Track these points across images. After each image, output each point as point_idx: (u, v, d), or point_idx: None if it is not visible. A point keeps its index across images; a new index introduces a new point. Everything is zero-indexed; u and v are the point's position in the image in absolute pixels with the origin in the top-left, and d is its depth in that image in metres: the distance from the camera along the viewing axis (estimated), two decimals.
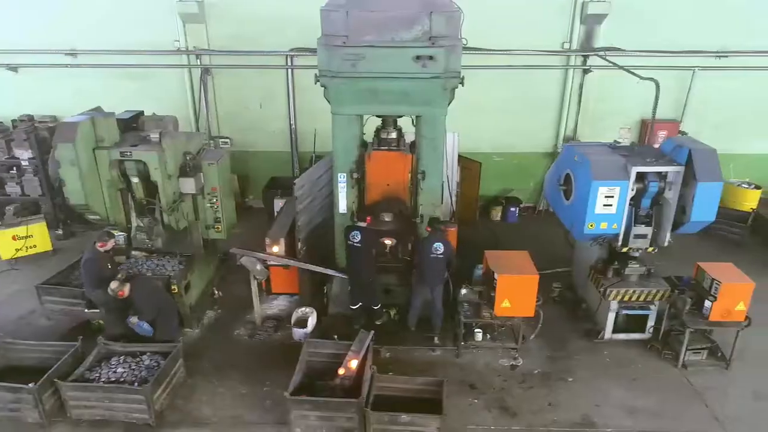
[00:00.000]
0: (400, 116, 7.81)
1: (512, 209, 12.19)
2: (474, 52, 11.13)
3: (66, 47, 11.54)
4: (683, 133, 11.92)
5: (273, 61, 11.50)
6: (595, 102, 11.90)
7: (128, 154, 7.24)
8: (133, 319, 7.17)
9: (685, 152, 7.12)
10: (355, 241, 7.66)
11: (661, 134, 11.73)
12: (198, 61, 11.69)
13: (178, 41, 11.48)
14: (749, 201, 11.66)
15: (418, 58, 6.83)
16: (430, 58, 6.82)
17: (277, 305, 8.98)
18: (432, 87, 7.05)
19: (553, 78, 11.82)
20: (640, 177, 7.28)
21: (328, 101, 7.39)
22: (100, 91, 11.48)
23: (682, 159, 7.17)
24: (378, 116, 7.79)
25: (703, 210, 7.04)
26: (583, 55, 11.51)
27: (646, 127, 11.90)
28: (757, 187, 11.75)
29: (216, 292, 9.13)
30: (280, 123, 12.15)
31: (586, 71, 11.62)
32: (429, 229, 7.60)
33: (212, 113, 12.14)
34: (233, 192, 12.14)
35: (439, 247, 7.44)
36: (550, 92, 11.93)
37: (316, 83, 7.24)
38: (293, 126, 12.08)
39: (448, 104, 7.49)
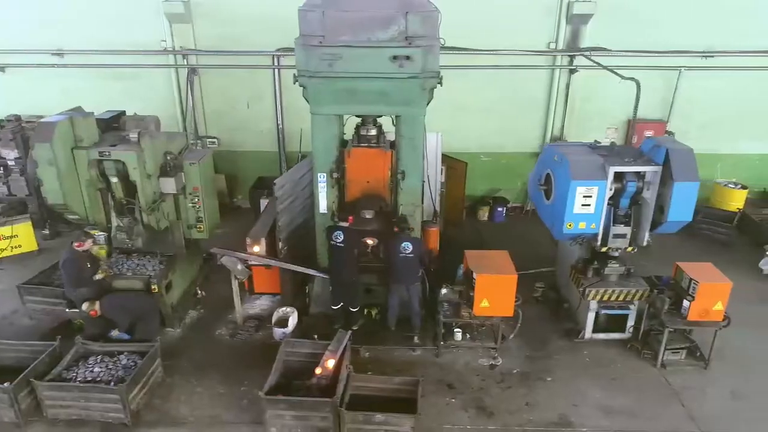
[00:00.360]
0: (380, 116, 7.80)
1: (499, 209, 12.21)
2: (461, 52, 11.23)
3: (53, 47, 11.58)
4: (670, 133, 11.96)
5: (260, 61, 11.51)
6: (581, 102, 11.92)
7: (107, 153, 7.24)
8: (114, 333, 7.28)
9: (662, 152, 7.12)
10: (338, 241, 7.68)
11: (648, 134, 11.74)
12: (185, 61, 11.71)
13: (165, 41, 11.50)
14: (735, 201, 11.69)
15: (395, 58, 6.83)
16: (407, 58, 6.82)
17: (260, 305, 8.98)
18: (410, 87, 7.05)
19: (540, 78, 11.84)
20: (619, 177, 7.29)
21: (307, 101, 7.40)
22: (88, 91, 11.53)
23: (659, 159, 7.17)
24: (357, 116, 7.78)
25: (680, 210, 7.04)
26: (569, 55, 11.53)
27: (634, 127, 11.91)
28: (744, 187, 11.77)
29: (199, 291, 9.13)
30: (267, 123, 12.18)
31: (572, 71, 11.63)
32: (396, 229, 7.62)
33: (199, 113, 12.16)
34: (219, 192, 12.25)
35: (407, 247, 7.45)
36: (537, 92, 11.95)
37: (294, 83, 7.26)
38: (280, 126, 12.10)
39: (427, 104, 7.48)
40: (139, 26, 11.39)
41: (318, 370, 6.72)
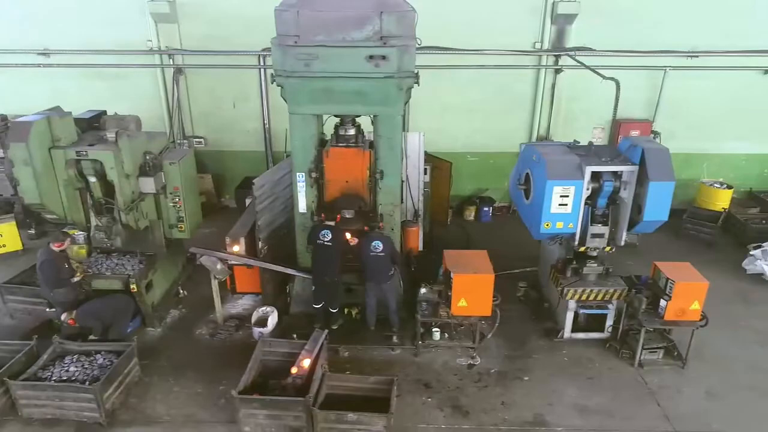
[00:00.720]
0: (358, 116, 7.81)
1: (485, 209, 12.21)
2: (446, 52, 11.28)
3: (39, 47, 11.58)
4: (656, 133, 11.97)
5: (245, 60, 11.51)
6: (567, 102, 11.92)
7: (84, 153, 7.26)
8: (91, 338, 7.29)
9: (638, 151, 7.13)
10: (326, 239, 7.66)
11: (634, 134, 11.76)
12: (171, 60, 11.71)
13: (151, 41, 11.50)
14: (721, 201, 11.69)
15: (371, 57, 6.85)
16: (383, 57, 6.84)
17: (242, 305, 9.00)
18: (386, 87, 7.06)
19: (526, 78, 11.84)
20: (596, 176, 7.29)
21: (285, 101, 7.42)
22: (75, 90, 11.58)
23: (636, 158, 7.18)
24: (336, 116, 7.79)
25: (656, 209, 7.05)
26: (554, 55, 11.53)
27: (618, 127, 11.92)
28: (729, 187, 11.78)
29: (181, 291, 9.14)
30: (254, 122, 12.18)
31: (557, 71, 11.63)
32: (366, 228, 7.62)
33: (186, 113, 12.17)
34: (206, 192, 12.37)
35: (377, 245, 7.47)
36: (523, 92, 11.96)
37: (272, 83, 7.28)
38: (267, 125, 12.10)
39: (405, 103, 7.51)
40: (125, 26, 11.38)
41: (294, 370, 6.73)
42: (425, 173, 10.40)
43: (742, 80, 11.61)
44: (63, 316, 7.28)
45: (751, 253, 10.05)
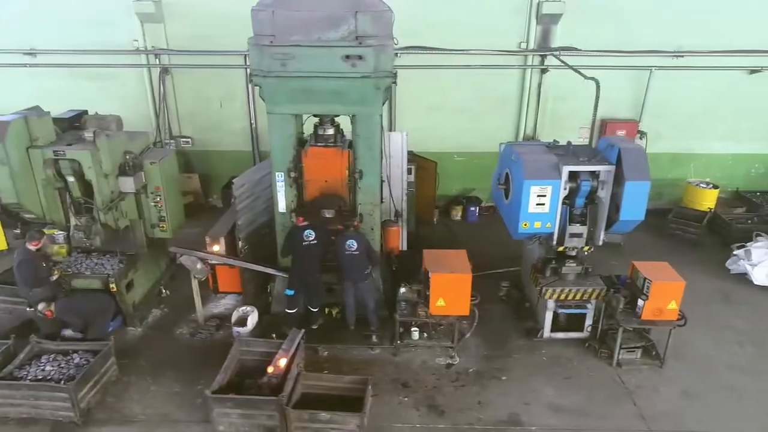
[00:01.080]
0: (336, 115, 7.82)
1: (472, 209, 12.22)
2: (432, 51, 11.30)
3: (25, 47, 11.58)
4: (642, 133, 11.99)
5: (232, 60, 11.52)
6: (554, 101, 11.93)
7: (62, 153, 7.26)
8: (67, 332, 7.33)
9: (615, 151, 7.14)
10: (310, 239, 7.66)
11: (620, 133, 11.78)
12: (157, 60, 11.72)
13: (137, 41, 11.51)
14: (707, 201, 11.69)
15: (347, 57, 6.85)
16: (359, 57, 6.84)
17: (224, 304, 9.00)
18: (363, 86, 7.06)
19: (512, 78, 11.84)
20: (573, 176, 7.30)
21: (264, 100, 7.43)
22: (62, 90, 11.56)
23: (613, 158, 7.19)
24: (314, 115, 7.80)
25: (632, 209, 7.06)
26: (540, 55, 11.53)
27: (605, 127, 11.94)
28: (715, 187, 11.78)
29: (163, 290, 9.15)
30: (240, 122, 12.19)
31: (543, 71, 11.64)
32: (341, 227, 7.64)
33: (173, 113, 12.17)
34: (194, 191, 12.37)
35: (352, 244, 7.49)
36: (509, 92, 11.96)
37: (250, 83, 7.29)
38: (254, 125, 12.11)
39: (384, 103, 7.51)
40: (111, 26, 11.38)
41: (270, 369, 6.73)
42: (410, 173, 10.44)
43: (727, 80, 11.61)
44: (40, 306, 7.17)
45: (734, 253, 10.05)
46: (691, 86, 11.62)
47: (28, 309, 8.01)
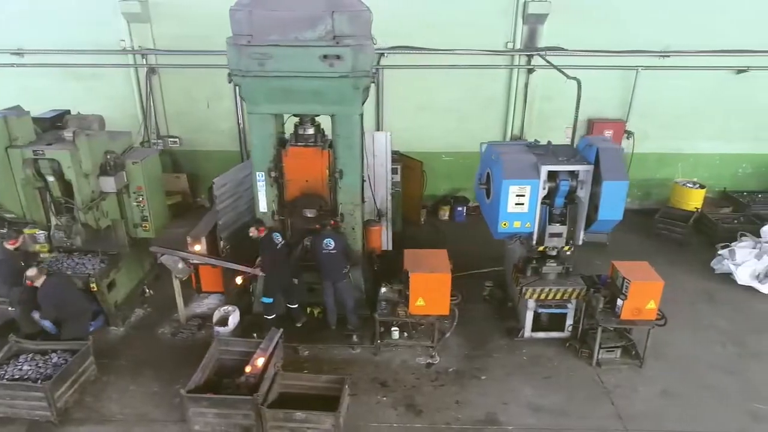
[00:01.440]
0: (317, 115, 7.82)
1: (459, 209, 12.21)
2: (418, 52, 11.32)
3: (12, 47, 11.58)
4: (629, 133, 11.99)
5: (218, 60, 11.37)
6: (540, 101, 11.92)
7: (41, 152, 7.26)
8: (35, 315, 7.21)
9: (594, 151, 7.13)
10: (279, 241, 7.70)
11: (607, 133, 11.79)
12: (144, 60, 11.72)
13: (124, 41, 11.51)
14: (694, 201, 11.69)
15: (325, 57, 6.85)
16: (337, 57, 6.84)
17: (207, 304, 9.00)
18: (342, 86, 7.07)
19: (499, 78, 11.84)
20: (552, 176, 7.30)
21: (243, 100, 7.43)
22: (49, 90, 11.58)
23: (591, 158, 7.19)
24: (295, 115, 7.80)
25: (610, 208, 7.04)
26: (527, 55, 11.53)
27: (592, 127, 11.94)
28: (702, 187, 11.78)
29: (147, 290, 9.15)
30: (228, 122, 12.20)
31: (530, 71, 11.64)
32: (318, 227, 7.65)
33: (160, 113, 12.18)
34: (182, 191, 12.36)
35: (329, 243, 7.50)
36: (496, 92, 11.96)
37: (229, 82, 7.30)
38: (241, 125, 12.11)
39: (363, 103, 7.51)
40: (98, 26, 11.37)
41: (248, 369, 6.74)
42: (395, 173, 10.45)
43: (714, 80, 11.61)
44: (31, 272, 7.05)
45: (719, 252, 10.05)
46: (678, 86, 11.62)
47: (9, 309, 8.05)
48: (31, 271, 7.10)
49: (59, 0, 11.28)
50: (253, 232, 7.66)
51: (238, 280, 8.27)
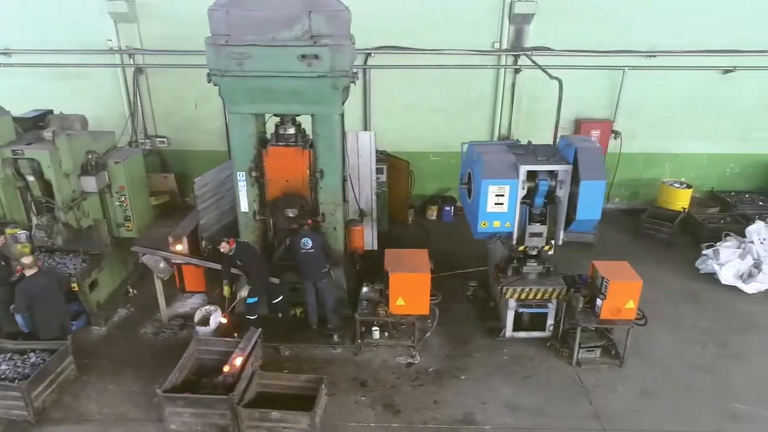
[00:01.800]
0: (297, 115, 7.82)
1: (447, 209, 12.22)
2: (405, 51, 11.33)
3: (0, 47, 11.59)
4: (617, 133, 12.00)
5: (205, 60, 11.47)
6: (528, 101, 11.93)
7: (20, 152, 7.27)
8: (12, 307, 7.17)
9: (573, 150, 7.14)
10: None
11: (594, 133, 11.80)
12: (131, 60, 11.73)
13: (111, 41, 11.51)
14: (681, 200, 11.70)
15: (303, 57, 6.86)
16: (315, 57, 6.84)
17: (191, 304, 9.00)
18: (321, 86, 7.07)
19: (486, 78, 11.84)
20: (532, 176, 7.31)
21: (223, 99, 7.44)
22: (37, 90, 11.58)
23: (570, 157, 7.20)
24: (275, 115, 7.81)
25: (589, 208, 7.06)
26: (513, 55, 11.54)
27: (579, 126, 11.95)
28: (689, 186, 11.78)
29: (130, 290, 9.15)
30: (215, 122, 12.19)
31: (517, 71, 11.64)
32: (296, 226, 7.65)
33: (148, 113, 12.18)
34: (170, 191, 12.37)
35: (307, 243, 7.50)
36: (484, 92, 11.96)
37: (209, 82, 7.29)
38: (229, 125, 12.09)
39: (343, 103, 7.51)
40: (85, 26, 11.38)
41: (226, 368, 6.74)
42: (381, 173, 10.45)
43: (701, 80, 11.61)
44: (27, 260, 6.95)
45: (703, 252, 10.06)
46: (665, 86, 11.63)
47: None
48: (27, 259, 6.99)
49: (46, 0, 11.28)
50: (224, 247, 7.53)
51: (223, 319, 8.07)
